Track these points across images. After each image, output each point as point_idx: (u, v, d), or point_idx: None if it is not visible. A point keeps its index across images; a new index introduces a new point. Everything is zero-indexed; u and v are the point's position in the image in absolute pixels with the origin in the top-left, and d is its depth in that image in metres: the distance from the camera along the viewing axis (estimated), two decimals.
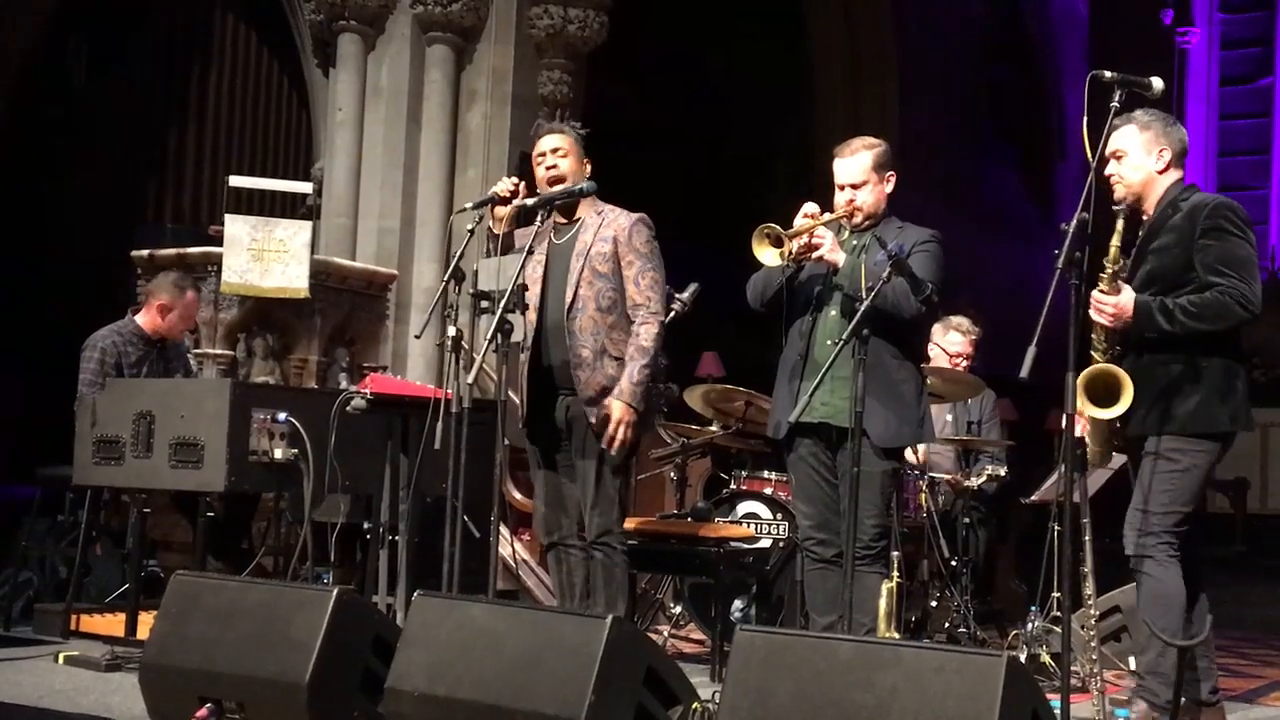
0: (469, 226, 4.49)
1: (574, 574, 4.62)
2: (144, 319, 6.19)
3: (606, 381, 4.49)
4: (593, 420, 4.48)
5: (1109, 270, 3.97)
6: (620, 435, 4.44)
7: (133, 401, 5.19)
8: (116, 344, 6.06)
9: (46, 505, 6.47)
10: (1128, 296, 3.98)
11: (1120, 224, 4.01)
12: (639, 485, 6.82)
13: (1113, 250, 3.98)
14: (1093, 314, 3.99)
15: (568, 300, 4.53)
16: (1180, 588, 3.98)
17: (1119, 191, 4.13)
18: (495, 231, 4.63)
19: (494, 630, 3.56)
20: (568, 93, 8.96)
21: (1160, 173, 4.12)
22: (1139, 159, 4.11)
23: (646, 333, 4.52)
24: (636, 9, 9.70)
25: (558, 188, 4.59)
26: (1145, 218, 4.15)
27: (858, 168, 4.40)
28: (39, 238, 8.96)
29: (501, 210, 4.59)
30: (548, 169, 4.64)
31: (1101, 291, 3.98)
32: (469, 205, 4.66)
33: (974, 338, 6.23)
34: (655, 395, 4.75)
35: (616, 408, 4.43)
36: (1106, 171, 4.13)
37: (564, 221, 4.67)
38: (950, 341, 6.16)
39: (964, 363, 6.18)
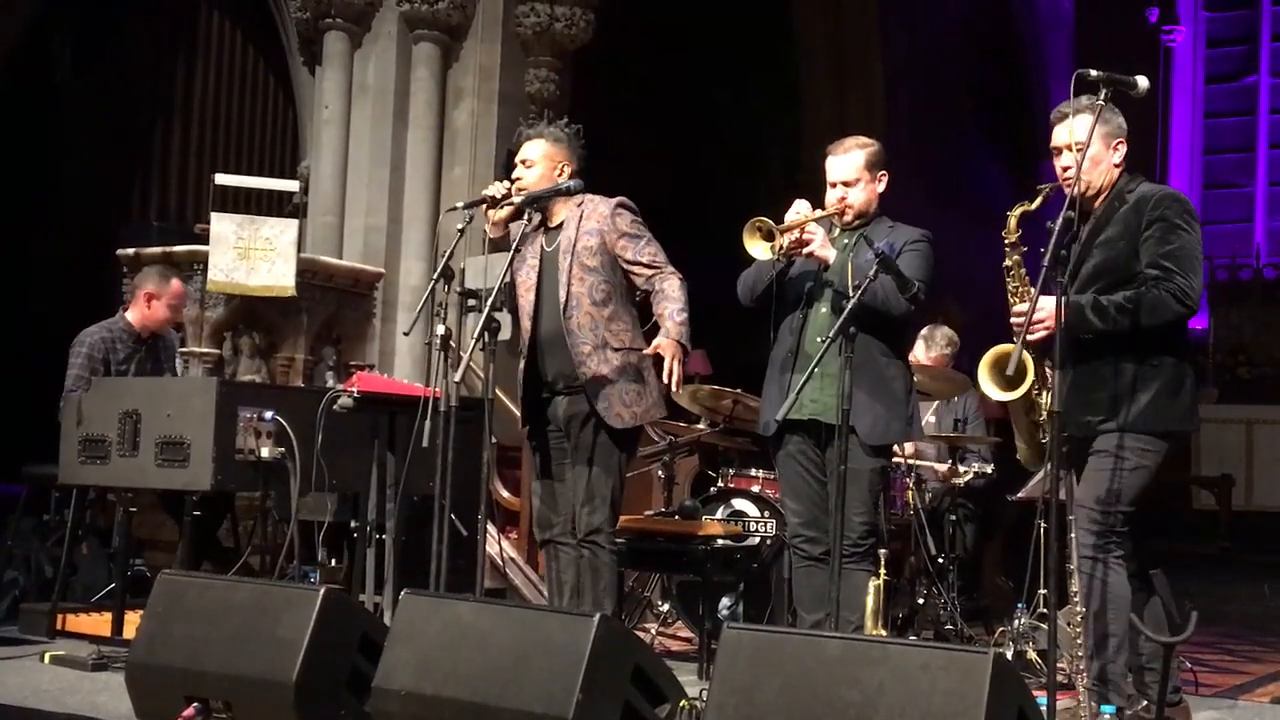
0: (458, 225, 4.48)
1: (564, 572, 4.62)
2: (134, 315, 6.17)
3: (608, 371, 4.46)
4: (605, 416, 4.46)
5: (1009, 244, 3.93)
6: (677, 370, 4.38)
7: (119, 400, 5.18)
8: (105, 340, 6.03)
9: (32, 504, 6.46)
10: (1052, 302, 3.82)
11: (1059, 222, 3.77)
12: (627, 483, 6.82)
13: (1011, 221, 3.93)
14: (1020, 327, 3.82)
15: (561, 300, 4.50)
16: (1128, 592, 3.94)
17: (1080, 187, 3.93)
18: (491, 235, 4.62)
19: (481, 629, 3.56)
20: (555, 91, 8.95)
21: (1116, 166, 4.01)
22: (1099, 152, 3.95)
23: (670, 286, 4.51)
24: (624, 7, 9.69)
25: (544, 186, 4.59)
26: (1090, 210, 4.02)
27: (850, 165, 4.41)
28: (24, 236, 8.93)
29: (495, 213, 4.57)
30: (514, 179, 4.64)
31: (1019, 300, 3.93)
32: (459, 205, 4.65)
33: (936, 353, 6.23)
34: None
35: (667, 345, 4.39)
36: (1061, 164, 4.01)
37: (552, 226, 4.66)
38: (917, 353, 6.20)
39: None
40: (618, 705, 3.38)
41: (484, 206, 4.58)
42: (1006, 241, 3.99)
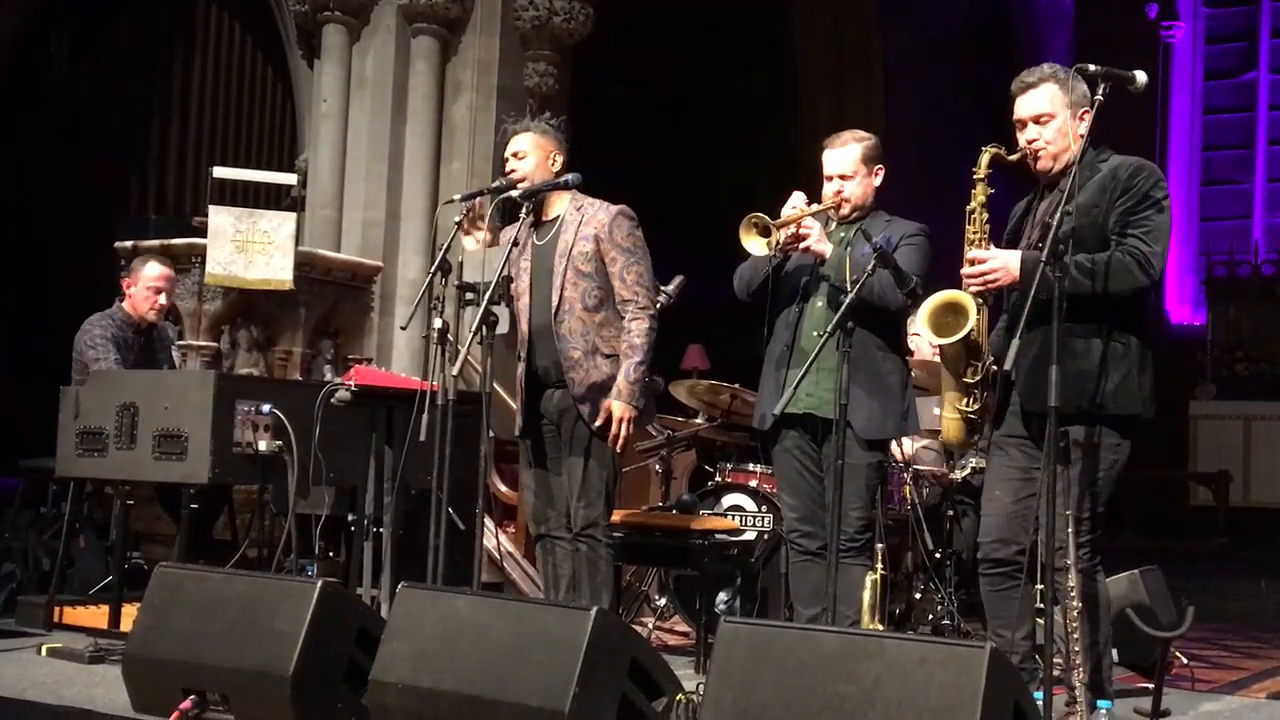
0: (455, 219, 4.48)
1: (560, 566, 4.63)
2: (128, 304, 6.17)
3: (600, 378, 4.49)
4: (584, 414, 4.48)
5: (978, 178, 3.88)
6: (623, 434, 4.45)
7: (116, 393, 5.18)
8: (109, 327, 6.03)
9: (29, 497, 6.45)
10: (1010, 254, 3.82)
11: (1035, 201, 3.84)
12: (624, 478, 6.80)
13: (984, 158, 3.90)
14: (970, 280, 3.83)
15: (554, 303, 4.52)
16: (1109, 593, 3.96)
17: (1044, 162, 3.90)
18: (476, 243, 4.57)
19: (478, 622, 3.56)
20: (553, 85, 8.94)
21: (1082, 136, 3.88)
22: (1066, 122, 3.89)
23: (638, 329, 4.51)
24: (623, 2, 9.68)
25: (539, 176, 4.59)
26: (1055, 182, 3.94)
27: (847, 159, 4.41)
28: (22, 230, 8.92)
29: (476, 219, 4.54)
30: (507, 172, 4.65)
31: (971, 250, 3.83)
32: (457, 197, 4.65)
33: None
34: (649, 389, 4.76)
35: (617, 408, 4.44)
36: (1027, 137, 3.93)
37: (545, 220, 4.66)
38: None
39: None
40: (614, 699, 3.38)
41: (463, 225, 4.53)
42: (975, 177, 3.92)
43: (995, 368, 3.94)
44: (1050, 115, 3.90)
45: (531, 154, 4.64)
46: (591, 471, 4.49)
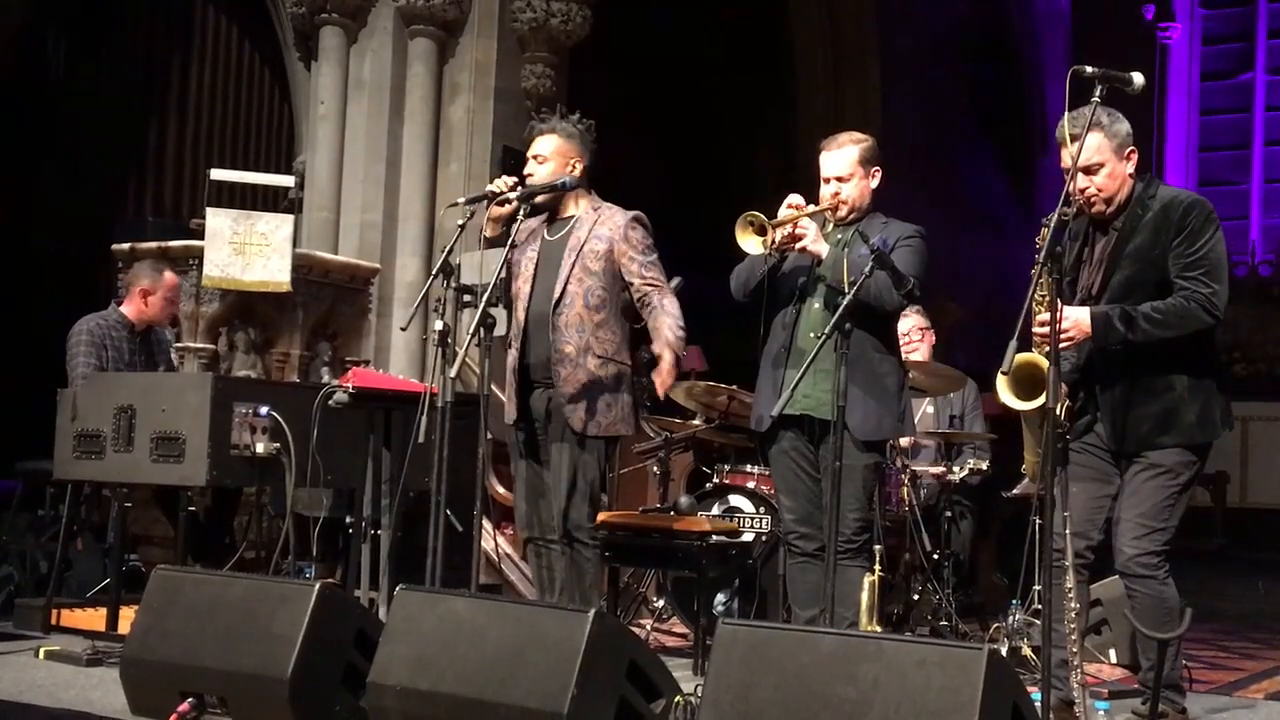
0: (458, 221, 4.48)
1: (553, 568, 4.62)
2: (128, 308, 6.17)
3: (587, 378, 4.48)
4: (569, 415, 4.47)
5: (1042, 293, 3.87)
6: (668, 376, 4.46)
7: (113, 395, 5.18)
8: (101, 327, 6.03)
9: (27, 499, 6.45)
10: (1080, 312, 3.93)
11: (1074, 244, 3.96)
12: (622, 479, 6.82)
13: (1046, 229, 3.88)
14: (1043, 338, 3.88)
15: (555, 294, 4.51)
16: (1178, 596, 4.05)
17: (1098, 208, 3.98)
18: (487, 234, 4.58)
19: (476, 624, 3.56)
20: (551, 86, 8.94)
21: (1130, 175, 4.02)
22: (1116, 167, 3.98)
23: (669, 303, 4.55)
24: (620, 3, 9.68)
25: (538, 183, 4.59)
26: (1109, 222, 4.03)
27: (844, 161, 4.41)
28: (20, 231, 8.91)
29: (496, 210, 4.55)
30: (525, 175, 4.64)
31: (1041, 309, 3.88)
32: (461, 200, 4.63)
33: (922, 323, 6.24)
34: (638, 389, 4.76)
35: (668, 357, 4.45)
36: (1079, 186, 3.97)
37: (560, 218, 4.66)
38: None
39: (921, 344, 6.19)
40: (613, 701, 3.38)
41: (486, 202, 4.56)
42: (1039, 249, 3.99)
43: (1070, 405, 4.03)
44: (1100, 164, 3.98)
45: (552, 160, 4.62)
46: (580, 472, 4.48)
